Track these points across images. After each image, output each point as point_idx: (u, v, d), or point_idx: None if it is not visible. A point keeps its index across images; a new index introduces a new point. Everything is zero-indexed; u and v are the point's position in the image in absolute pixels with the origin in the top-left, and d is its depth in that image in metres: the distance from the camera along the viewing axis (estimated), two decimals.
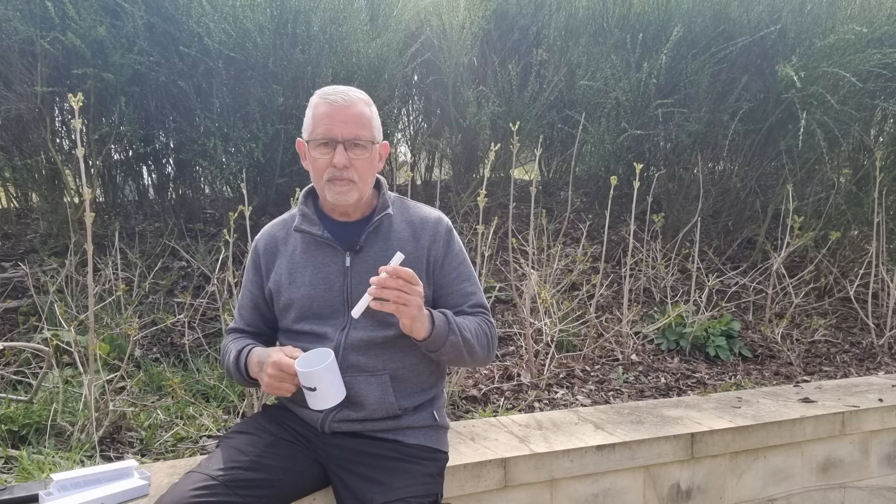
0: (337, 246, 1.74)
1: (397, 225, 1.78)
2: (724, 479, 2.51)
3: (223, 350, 1.86)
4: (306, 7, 3.56)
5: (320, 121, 1.68)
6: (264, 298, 1.82)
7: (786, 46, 4.17)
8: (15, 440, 2.27)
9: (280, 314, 1.80)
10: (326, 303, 1.72)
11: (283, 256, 1.79)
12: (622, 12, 4.39)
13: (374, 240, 1.75)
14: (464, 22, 4.11)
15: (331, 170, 1.67)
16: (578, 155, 4.52)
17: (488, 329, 1.77)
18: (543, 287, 3.22)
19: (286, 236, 1.81)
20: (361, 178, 1.70)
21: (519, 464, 2.15)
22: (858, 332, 3.95)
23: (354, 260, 1.73)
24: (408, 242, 1.76)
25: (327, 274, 1.73)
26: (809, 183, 4.40)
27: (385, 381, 1.72)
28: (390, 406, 1.73)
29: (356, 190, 1.70)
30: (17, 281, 3.37)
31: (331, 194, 1.69)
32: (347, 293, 1.72)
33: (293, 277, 1.75)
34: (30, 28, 3.29)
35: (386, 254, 1.70)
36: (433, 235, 1.78)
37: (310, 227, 1.75)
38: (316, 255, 1.75)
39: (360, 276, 1.70)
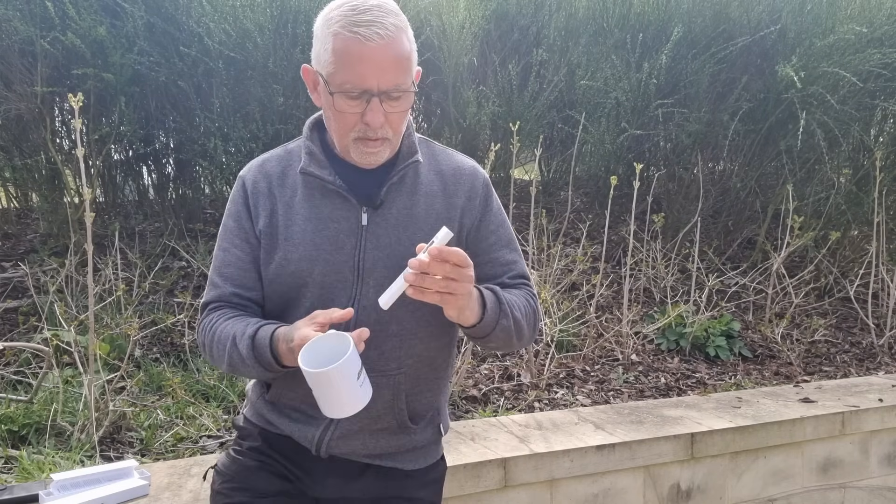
0: (351, 197, 1.35)
1: (425, 175, 1.42)
2: (724, 479, 2.51)
3: (208, 335, 1.38)
4: (306, 7, 3.56)
5: (349, 65, 1.25)
6: (259, 251, 1.40)
7: (786, 46, 4.17)
8: (15, 440, 2.27)
9: (266, 280, 1.40)
10: (332, 268, 1.34)
11: (277, 202, 1.38)
12: (622, 12, 4.39)
13: (397, 193, 1.38)
14: (464, 22, 4.11)
15: (361, 127, 1.29)
16: (578, 155, 4.52)
17: (535, 304, 1.44)
18: (543, 287, 3.22)
19: (283, 176, 1.40)
20: (396, 133, 1.34)
21: (519, 464, 2.15)
22: (858, 332, 3.95)
23: (372, 217, 1.36)
24: (437, 198, 1.41)
25: (336, 232, 1.35)
26: (809, 183, 4.40)
27: (399, 382, 1.39)
28: (400, 417, 1.41)
29: (389, 148, 1.34)
30: (17, 281, 3.37)
31: (358, 155, 1.33)
32: (359, 260, 1.34)
33: (290, 232, 1.35)
34: (30, 28, 3.29)
35: (411, 212, 1.38)
36: (469, 191, 1.43)
37: (319, 170, 1.37)
38: (322, 206, 1.36)
39: (378, 239, 1.35)
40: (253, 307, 1.41)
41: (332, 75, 1.27)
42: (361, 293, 1.34)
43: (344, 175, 1.37)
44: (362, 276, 1.34)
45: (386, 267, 1.33)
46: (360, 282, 1.34)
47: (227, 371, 1.40)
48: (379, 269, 1.34)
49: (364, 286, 1.34)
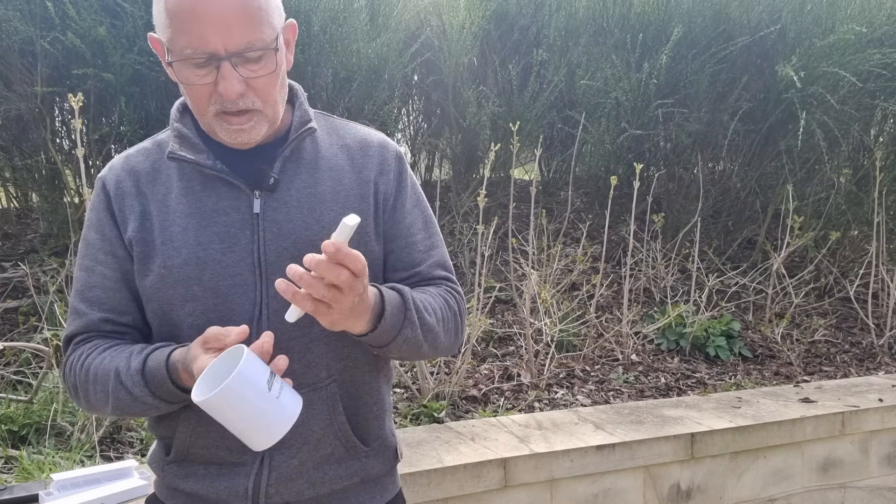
0: (238, 182, 1.11)
1: (327, 149, 1.19)
2: (724, 479, 2.51)
3: (79, 376, 1.12)
4: (306, 7, 3.56)
5: (184, 25, 1.02)
6: (130, 264, 1.14)
7: (786, 46, 4.17)
8: (15, 440, 2.27)
9: (143, 296, 1.13)
10: (225, 270, 1.09)
11: (149, 201, 1.14)
12: (622, 12, 4.39)
13: (294, 170, 1.15)
14: (464, 22, 4.11)
15: (217, 97, 1.05)
16: (578, 155, 4.52)
17: (457, 305, 1.20)
18: (543, 287, 3.22)
19: (153, 171, 1.16)
20: (268, 102, 1.08)
21: (519, 464, 2.15)
22: (858, 332, 3.95)
23: (268, 202, 1.12)
24: (344, 172, 1.17)
25: (225, 226, 1.11)
26: (809, 183, 4.40)
27: (332, 394, 1.14)
28: (344, 437, 1.16)
29: (263, 120, 1.09)
30: (17, 281, 3.37)
31: (225, 133, 1.08)
32: (259, 255, 1.10)
33: (168, 234, 1.11)
34: (30, 28, 3.29)
35: (314, 191, 1.14)
36: (380, 164, 1.20)
37: (193, 153, 1.12)
38: (204, 198, 1.12)
39: (279, 227, 1.11)
40: (131, 334, 1.16)
41: (171, 41, 1.04)
42: (269, 295, 1.09)
43: (225, 158, 1.13)
44: (265, 274, 1.09)
45: (293, 259, 1.03)
46: (264, 282, 1.09)
47: (111, 414, 1.14)
48: (286, 263, 1.02)
49: (269, 287, 1.09)
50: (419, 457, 2.11)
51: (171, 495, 1.19)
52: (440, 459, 2.09)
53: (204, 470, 1.14)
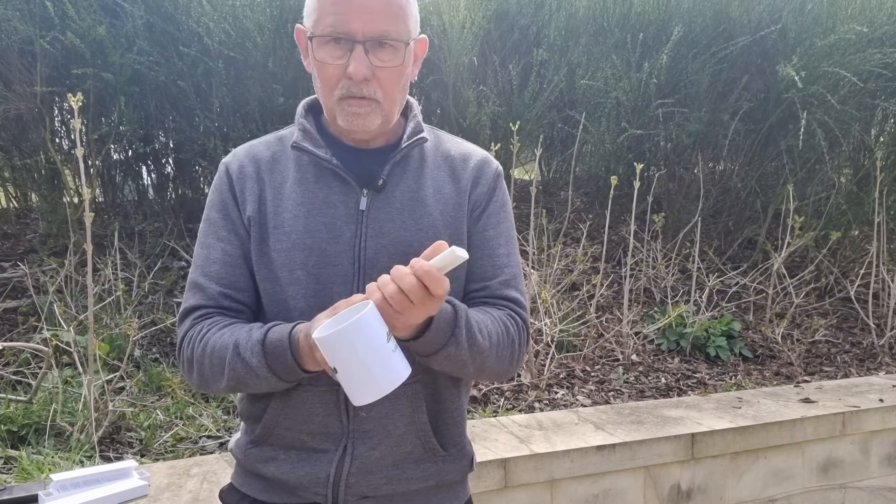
0: (349, 178, 1.19)
1: (432, 159, 1.26)
2: (724, 480, 2.50)
3: (197, 348, 1.16)
4: None
5: (330, 6, 1.13)
6: (249, 244, 1.22)
7: (786, 46, 4.17)
8: (14, 440, 2.27)
9: (258, 276, 1.21)
10: (328, 259, 1.16)
11: (266, 187, 1.22)
12: (623, 12, 4.39)
13: (401, 174, 1.22)
14: (464, 21, 4.11)
15: (345, 83, 1.14)
16: (579, 155, 4.51)
17: (517, 333, 1.19)
18: (544, 287, 3.22)
19: (273, 161, 1.25)
20: (388, 96, 1.16)
21: (519, 464, 2.15)
22: (859, 333, 3.94)
23: (374, 201, 1.19)
24: (445, 182, 1.23)
25: (332, 217, 1.18)
26: (810, 183, 4.40)
27: (417, 392, 1.18)
28: (425, 438, 1.20)
29: (379, 112, 1.16)
30: (16, 281, 3.36)
31: (343, 117, 1.16)
32: (360, 249, 1.17)
33: (280, 219, 1.19)
34: (29, 28, 3.29)
35: (417, 195, 1.21)
36: (476, 176, 1.25)
37: (313, 146, 1.21)
38: (317, 190, 1.20)
39: (380, 226, 1.18)
40: (246, 313, 1.21)
41: (315, 23, 1.15)
42: (363, 288, 1.13)
43: (341, 156, 1.21)
44: (364, 267, 1.16)
45: (390, 257, 1.15)
46: (361, 274, 1.16)
47: (225, 390, 1.17)
48: (382, 260, 1.16)
49: (366, 279, 1.14)
50: None
51: (250, 482, 1.22)
52: None
53: (285, 455, 1.19)
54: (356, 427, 1.16)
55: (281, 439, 1.19)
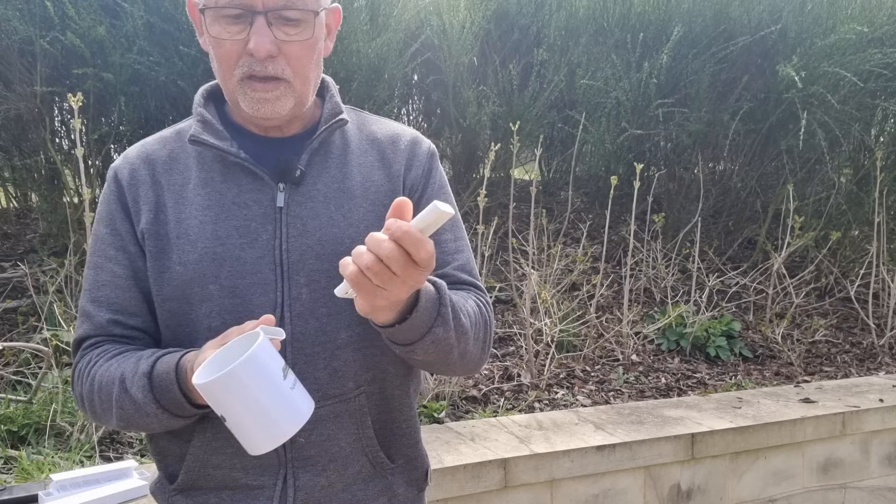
0: (261, 172, 1.04)
1: (357, 144, 1.12)
2: (724, 480, 2.50)
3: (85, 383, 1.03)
4: None
5: None
6: (143, 260, 1.06)
7: (786, 46, 4.17)
8: (14, 440, 2.27)
9: (160, 296, 1.04)
10: (245, 267, 1.01)
11: (165, 192, 1.06)
12: (623, 12, 4.39)
13: (322, 164, 1.07)
14: (464, 21, 4.11)
15: (246, 60, 0.99)
16: (579, 155, 4.51)
17: (488, 314, 1.08)
18: (543, 287, 3.21)
19: (171, 160, 1.08)
20: (299, 74, 1.01)
21: (519, 464, 2.15)
22: (859, 333, 3.94)
23: (293, 196, 1.04)
24: (375, 169, 1.10)
25: (245, 219, 1.03)
26: (810, 183, 4.40)
27: (361, 406, 1.05)
28: (372, 454, 1.07)
29: (290, 94, 1.02)
30: (16, 281, 3.36)
31: (248, 102, 1.01)
32: (281, 253, 1.02)
33: (184, 227, 1.03)
34: (29, 28, 3.28)
35: (343, 185, 1.07)
36: (409, 158, 1.12)
37: (215, 139, 1.05)
38: (224, 190, 1.04)
39: (304, 224, 1.03)
40: (141, 339, 1.06)
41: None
42: (291, 296, 1.01)
43: (250, 147, 1.05)
44: (287, 274, 1.01)
45: (318, 258, 1.02)
46: (285, 281, 1.01)
47: (118, 427, 1.03)
48: (310, 262, 1.02)
49: (293, 287, 1.01)
50: None
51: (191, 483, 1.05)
52: (440, 460, 2.09)
53: (217, 498, 1.03)
54: (295, 454, 1.01)
55: (211, 480, 1.03)
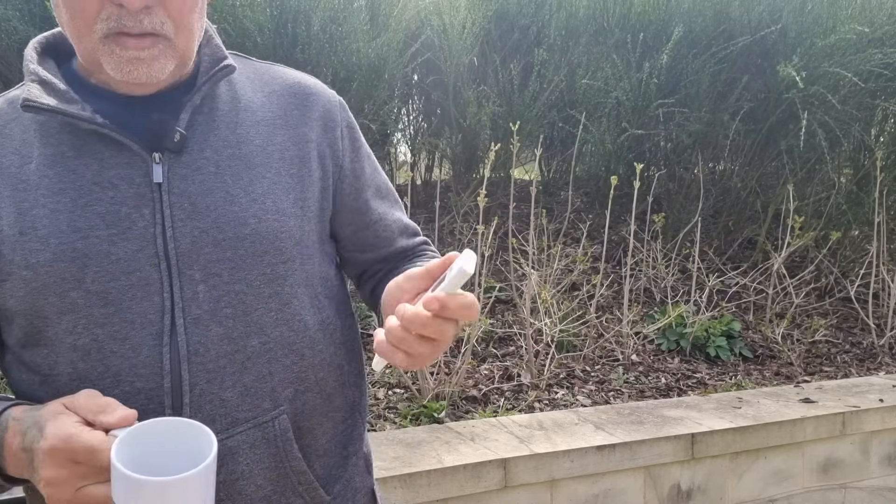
0: (128, 141, 0.80)
1: (250, 97, 0.89)
2: (724, 480, 2.50)
3: None
4: (306, 7, 3.56)
5: None
6: None
7: (787, 46, 4.17)
8: None
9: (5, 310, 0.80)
10: (117, 266, 0.78)
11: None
12: (623, 12, 4.39)
13: (208, 124, 0.84)
14: (464, 21, 4.11)
15: (111, 13, 0.74)
16: (579, 155, 4.51)
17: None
18: (543, 287, 3.22)
19: (2, 135, 0.83)
20: (182, 28, 0.78)
21: (519, 464, 2.15)
22: (859, 333, 3.94)
23: (174, 168, 0.81)
24: (276, 127, 0.88)
25: (112, 203, 0.79)
26: (810, 183, 4.40)
27: (282, 430, 0.84)
28: (302, 483, 0.86)
29: (171, 54, 0.78)
30: None
31: (115, 64, 0.76)
32: (166, 242, 0.79)
33: (29, 220, 0.78)
34: (29, 28, 3.28)
35: (238, 151, 0.85)
36: (324, 117, 0.91)
37: (60, 102, 0.79)
38: (80, 167, 0.80)
39: (193, 202, 0.81)
40: None
41: None
42: (183, 297, 0.79)
43: (107, 112, 0.80)
44: (177, 267, 0.79)
45: (216, 244, 0.80)
46: (174, 279, 0.79)
47: None
48: (206, 251, 0.80)
49: (185, 285, 0.79)
50: (419, 457, 2.11)
51: None
52: (440, 460, 2.09)
53: None
54: None
55: None
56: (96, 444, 0.66)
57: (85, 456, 0.66)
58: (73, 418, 0.68)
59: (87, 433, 0.67)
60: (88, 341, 0.77)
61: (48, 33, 0.89)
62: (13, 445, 0.71)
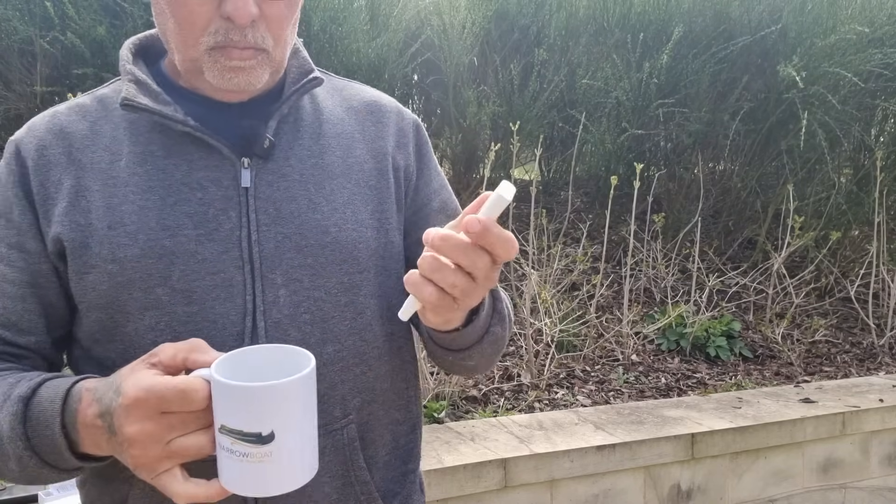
0: (219, 144, 0.82)
1: (330, 111, 0.91)
2: (724, 480, 2.50)
3: None
4: (306, 6, 3.56)
5: None
6: (49, 262, 0.81)
7: (787, 46, 4.17)
8: None
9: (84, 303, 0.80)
10: (203, 266, 0.79)
11: (86, 173, 0.81)
12: (623, 12, 4.39)
13: (293, 134, 0.87)
14: (464, 22, 4.11)
15: (219, 26, 0.77)
16: (579, 155, 4.51)
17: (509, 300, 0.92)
18: (543, 287, 3.21)
19: (92, 135, 0.84)
20: (279, 41, 0.81)
21: (519, 464, 2.15)
22: (859, 333, 3.94)
23: (261, 174, 0.83)
24: (355, 143, 0.90)
25: (200, 204, 0.81)
26: (810, 183, 4.40)
27: (350, 439, 0.85)
28: (364, 493, 0.86)
29: (268, 64, 0.81)
30: None
31: (217, 73, 0.79)
32: (250, 245, 0.81)
33: (118, 215, 0.79)
34: (29, 28, 3.29)
35: (320, 161, 0.87)
36: (397, 133, 0.94)
37: (157, 104, 0.81)
38: (170, 167, 0.82)
39: (277, 208, 0.82)
40: (31, 360, 0.83)
41: None
42: (265, 300, 0.80)
43: (199, 114, 0.82)
44: (260, 271, 0.80)
45: (298, 250, 0.82)
46: (257, 282, 0.80)
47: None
48: (288, 258, 0.81)
49: (267, 288, 0.80)
50: None
51: None
52: (440, 459, 2.09)
53: None
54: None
55: None
56: (186, 385, 0.65)
57: (176, 399, 0.65)
58: (151, 371, 0.68)
59: (173, 378, 0.66)
60: (170, 339, 0.77)
61: (141, 35, 0.91)
62: (88, 415, 0.69)
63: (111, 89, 0.88)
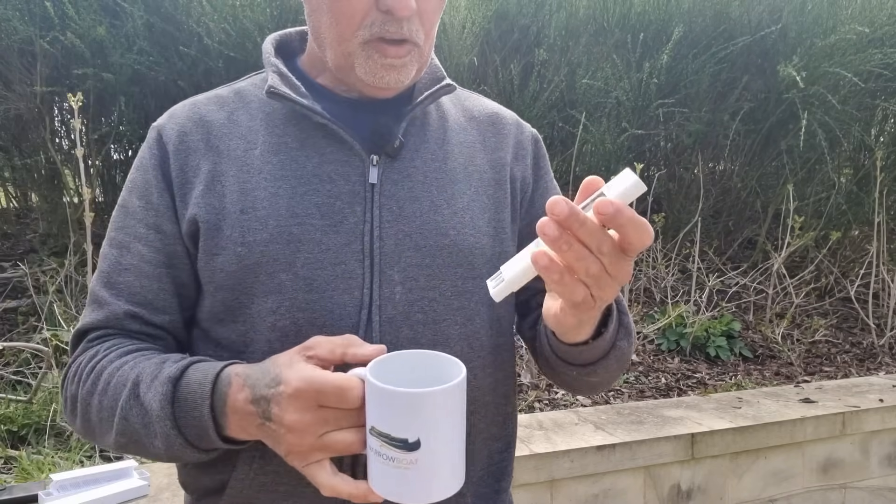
0: (351, 139, 0.84)
1: (454, 119, 0.94)
2: (724, 480, 2.50)
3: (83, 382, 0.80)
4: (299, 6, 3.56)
5: None
6: (183, 244, 0.85)
7: (787, 46, 4.17)
8: (14, 440, 2.27)
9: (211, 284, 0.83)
10: (326, 256, 0.81)
11: (223, 159, 0.84)
12: (623, 12, 4.39)
13: (420, 137, 0.89)
14: (464, 21, 4.11)
15: (376, 19, 0.79)
16: (579, 155, 4.51)
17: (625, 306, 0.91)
18: None
19: (231, 123, 0.87)
20: (429, 36, 0.84)
21: (519, 464, 2.15)
22: (859, 333, 3.94)
23: (387, 172, 0.85)
24: (476, 152, 0.92)
25: (328, 195, 0.83)
26: (810, 183, 4.40)
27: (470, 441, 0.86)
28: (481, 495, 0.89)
29: (417, 60, 0.84)
30: (16, 281, 3.36)
31: (369, 68, 0.82)
32: (372, 240, 0.82)
33: (250, 200, 0.82)
34: (29, 28, 3.29)
35: (445, 166, 0.88)
36: (516, 146, 0.95)
37: (296, 95, 0.85)
38: (302, 158, 0.84)
39: (400, 207, 0.84)
40: (164, 340, 0.86)
41: None
42: (381, 295, 0.81)
43: (333, 110, 0.86)
44: (379, 266, 0.81)
45: (417, 249, 0.83)
46: (375, 276, 0.81)
47: (114, 448, 0.79)
48: (406, 255, 0.82)
49: (384, 284, 0.81)
50: None
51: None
52: None
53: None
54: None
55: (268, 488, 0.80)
56: (343, 382, 0.67)
57: (333, 395, 0.67)
58: (310, 363, 0.70)
59: (331, 374, 0.68)
60: (289, 323, 0.79)
61: (282, 32, 0.95)
62: (239, 400, 0.71)
63: (248, 83, 0.93)
